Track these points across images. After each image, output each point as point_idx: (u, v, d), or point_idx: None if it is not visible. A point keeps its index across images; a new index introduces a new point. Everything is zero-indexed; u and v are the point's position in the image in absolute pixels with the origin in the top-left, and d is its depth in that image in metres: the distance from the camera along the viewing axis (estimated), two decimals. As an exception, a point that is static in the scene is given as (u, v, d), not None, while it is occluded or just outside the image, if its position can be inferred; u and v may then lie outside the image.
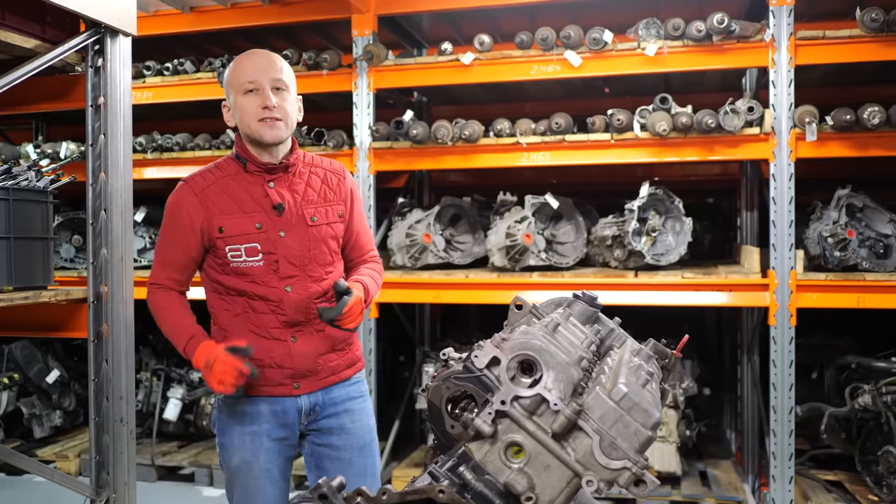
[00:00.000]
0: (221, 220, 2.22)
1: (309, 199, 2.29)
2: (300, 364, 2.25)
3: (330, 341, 2.30)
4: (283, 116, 2.22)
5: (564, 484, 1.23)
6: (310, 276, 2.25)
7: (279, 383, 2.25)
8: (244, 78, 2.21)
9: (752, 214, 4.94)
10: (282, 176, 2.27)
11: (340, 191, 2.36)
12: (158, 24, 4.95)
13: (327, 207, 2.31)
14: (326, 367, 2.30)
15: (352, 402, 2.36)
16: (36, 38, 2.79)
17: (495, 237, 4.53)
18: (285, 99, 2.23)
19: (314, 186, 2.32)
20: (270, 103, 2.18)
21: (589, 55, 4.26)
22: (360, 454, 2.35)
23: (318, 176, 2.34)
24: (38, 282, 2.95)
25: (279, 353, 2.24)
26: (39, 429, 5.34)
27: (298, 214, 2.25)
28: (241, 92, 2.21)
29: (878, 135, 3.96)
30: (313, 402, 2.30)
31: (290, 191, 2.27)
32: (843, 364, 4.70)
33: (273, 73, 2.21)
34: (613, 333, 1.61)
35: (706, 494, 4.40)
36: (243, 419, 2.26)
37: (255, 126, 2.20)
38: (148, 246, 5.35)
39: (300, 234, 2.24)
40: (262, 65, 2.22)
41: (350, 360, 2.38)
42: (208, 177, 2.27)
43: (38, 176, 3.02)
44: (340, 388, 2.34)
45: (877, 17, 3.83)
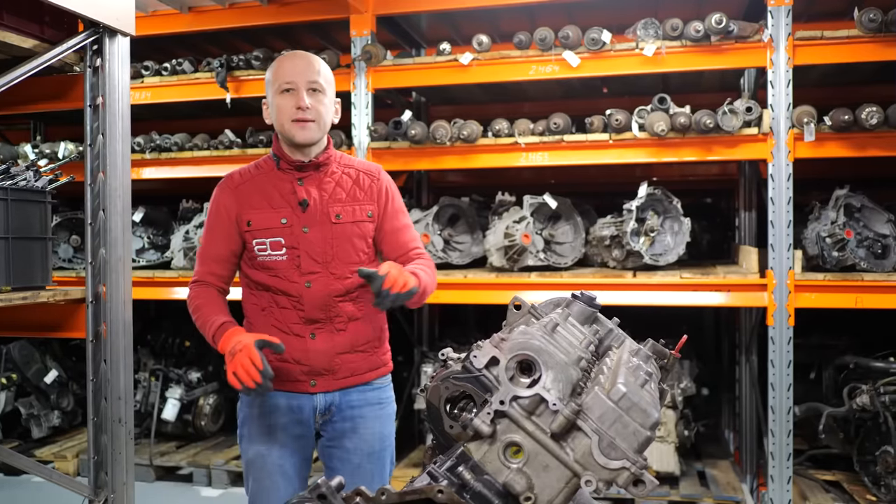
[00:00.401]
0: (251, 214, 2.30)
1: (336, 198, 2.31)
2: (317, 361, 2.27)
3: (351, 341, 2.30)
4: (317, 118, 2.27)
5: (563, 484, 1.23)
6: (332, 274, 2.27)
7: (296, 379, 2.29)
8: (281, 78, 2.27)
9: (751, 214, 4.94)
10: (312, 174, 2.32)
11: (372, 191, 2.36)
12: (157, 24, 4.95)
13: (355, 206, 2.32)
14: (345, 367, 2.30)
15: (369, 408, 2.35)
16: (34, 38, 2.78)
17: (494, 237, 4.53)
18: (320, 101, 2.28)
19: (344, 185, 2.34)
20: (304, 104, 2.24)
21: (587, 55, 4.26)
22: (369, 460, 2.34)
23: (349, 176, 2.36)
24: (37, 282, 2.95)
25: (298, 349, 2.27)
26: (37, 429, 5.34)
27: (323, 212, 2.28)
28: (277, 92, 2.27)
29: (877, 135, 3.97)
30: (329, 401, 2.31)
31: (319, 189, 2.30)
32: (842, 364, 4.71)
33: (309, 76, 2.26)
34: (612, 333, 1.61)
35: (704, 494, 4.40)
36: (262, 410, 2.33)
37: (289, 126, 2.26)
38: (146, 246, 5.34)
39: (323, 231, 2.27)
40: (299, 66, 2.27)
41: (373, 363, 2.37)
42: (245, 174, 2.37)
43: (36, 176, 3.02)
44: (359, 392, 2.34)
45: (875, 17, 3.83)
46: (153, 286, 4.92)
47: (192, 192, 5.53)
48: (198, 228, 4.96)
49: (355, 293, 2.30)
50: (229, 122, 5.49)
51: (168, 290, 4.93)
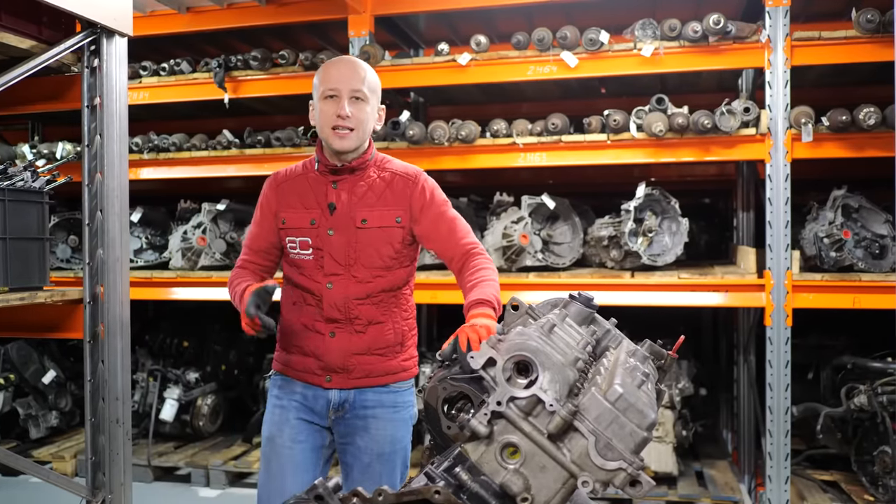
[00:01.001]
0: (286, 212, 2.37)
1: (365, 202, 2.32)
2: (332, 359, 2.31)
3: (368, 343, 2.32)
4: (356, 126, 2.29)
5: (560, 485, 1.23)
6: (353, 277, 2.29)
7: (313, 373, 2.34)
8: (326, 84, 2.29)
9: (749, 215, 4.94)
10: (347, 177, 2.34)
11: (405, 195, 2.35)
12: (155, 24, 4.94)
13: (383, 211, 2.32)
14: (360, 368, 2.33)
15: (383, 409, 2.36)
16: (32, 39, 2.78)
17: (492, 238, 4.53)
18: (362, 109, 2.30)
19: (376, 190, 2.34)
20: (344, 113, 2.26)
21: (585, 56, 4.27)
22: (379, 461, 2.35)
23: (384, 180, 2.36)
24: (34, 282, 2.95)
25: (316, 345, 2.33)
26: (35, 429, 5.33)
27: (349, 216, 2.30)
28: (321, 97, 2.30)
29: (874, 135, 3.97)
30: (343, 398, 2.34)
31: (350, 192, 2.32)
32: (839, 364, 4.71)
33: (353, 84, 2.28)
34: (609, 334, 1.61)
35: (702, 495, 4.40)
36: (279, 393, 2.40)
37: (328, 132, 2.29)
38: (144, 246, 5.34)
39: (347, 235, 2.30)
40: (345, 73, 2.29)
41: (392, 367, 2.37)
42: (290, 172, 2.44)
43: (34, 176, 3.01)
44: (375, 393, 2.35)
45: (872, 17, 3.84)
46: (151, 286, 4.92)
47: (191, 193, 5.52)
48: (196, 229, 4.96)
49: (378, 297, 2.31)
50: (227, 122, 5.48)
51: (166, 290, 4.92)
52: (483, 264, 2.30)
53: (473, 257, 2.33)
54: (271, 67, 4.80)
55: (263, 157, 4.84)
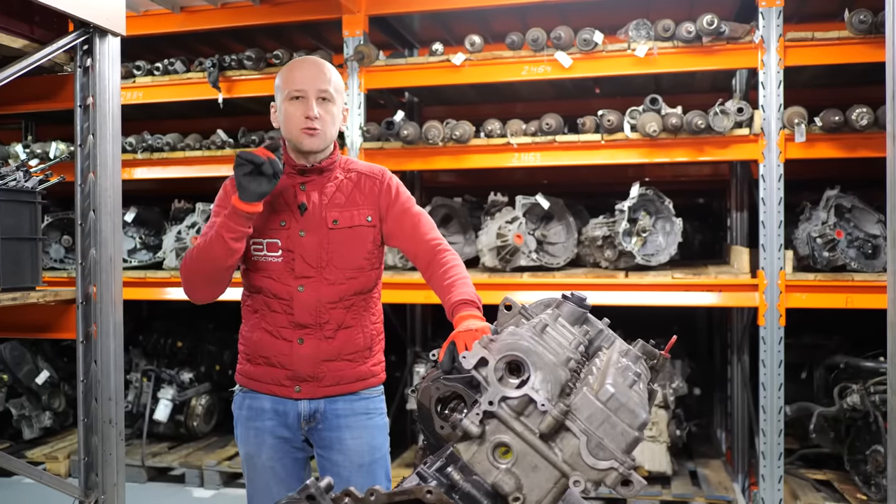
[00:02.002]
0: None
1: (335, 202, 2.29)
2: (301, 367, 2.25)
3: (338, 349, 2.27)
4: (324, 127, 2.25)
5: (552, 484, 1.23)
6: (325, 279, 2.24)
7: (280, 383, 2.27)
8: (291, 85, 2.25)
9: (742, 215, 4.96)
10: (315, 178, 2.30)
11: (373, 194, 2.32)
12: (148, 23, 4.93)
13: (353, 211, 2.29)
14: (331, 376, 2.27)
15: (355, 418, 2.31)
16: (24, 38, 2.77)
17: (486, 237, 4.54)
18: (328, 110, 2.26)
19: (344, 190, 2.31)
20: (312, 114, 2.22)
21: (579, 56, 4.27)
22: (359, 473, 2.30)
23: (351, 180, 2.33)
24: (27, 283, 2.94)
25: (283, 354, 2.25)
26: (29, 430, 5.32)
27: (320, 216, 2.26)
28: (286, 98, 2.25)
29: (866, 136, 3.98)
30: (314, 408, 2.28)
31: (320, 193, 2.29)
32: (832, 364, 4.73)
33: (320, 84, 2.24)
34: (602, 334, 1.61)
35: (696, 494, 4.41)
36: (249, 413, 2.31)
37: (296, 134, 2.24)
38: (138, 246, 5.33)
39: (319, 236, 2.25)
40: (310, 74, 2.25)
41: (362, 373, 2.33)
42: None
43: (26, 176, 3.00)
44: (346, 402, 2.30)
45: (865, 18, 3.85)
46: (145, 286, 4.91)
47: (185, 193, 5.51)
48: (189, 229, 4.95)
49: (349, 300, 2.27)
50: (221, 122, 5.48)
51: (160, 290, 4.92)
52: (453, 261, 2.28)
53: (441, 253, 2.30)
54: (265, 67, 4.80)
55: (257, 157, 4.82)
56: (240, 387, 2.36)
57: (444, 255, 2.29)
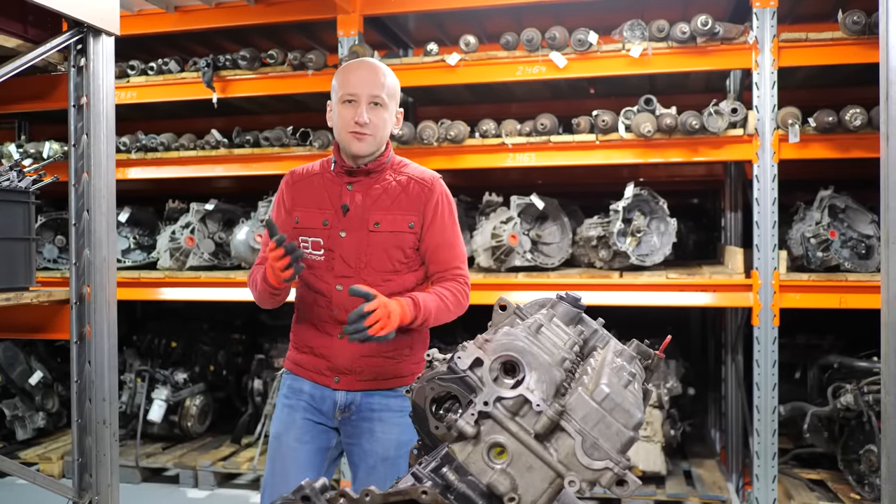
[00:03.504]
0: (300, 211, 2.37)
1: (380, 205, 2.31)
2: (340, 360, 2.31)
3: (378, 346, 2.29)
4: (374, 132, 2.27)
5: (547, 484, 1.23)
6: (363, 280, 2.27)
7: (322, 373, 2.35)
8: (345, 88, 2.27)
9: (736, 215, 4.97)
10: (362, 179, 2.33)
11: (420, 200, 2.33)
12: (143, 23, 4.92)
13: (397, 215, 2.31)
14: (368, 370, 2.32)
15: (389, 413, 2.34)
16: (18, 38, 2.76)
17: (481, 238, 4.54)
18: (380, 115, 2.28)
19: (391, 193, 2.32)
20: (362, 119, 2.24)
21: (574, 56, 4.28)
22: (384, 464, 2.33)
23: (399, 183, 2.34)
24: (20, 283, 2.93)
25: (325, 346, 2.33)
26: (22, 431, 5.29)
27: (362, 218, 2.29)
28: (340, 101, 2.28)
29: (860, 136, 4.00)
30: (350, 399, 2.34)
31: (365, 195, 2.31)
32: (826, 364, 4.74)
33: (373, 89, 2.26)
34: (597, 334, 1.61)
35: (690, 494, 4.42)
36: (288, 392, 2.41)
37: (346, 136, 2.28)
38: (132, 246, 5.31)
39: (359, 237, 2.29)
40: (364, 79, 2.27)
41: (401, 371, 2.35)
42: (307, 171, 2.44)
43: (20, 176, 2.99)
44: (381, 397, 2.34)
45: (858, 19, 3.86)
46: (139, 287, 4.90)
47: (179, 193, 5.50)
48: (184, 229, 4.94)
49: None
50: (216, 122, 5.46)
51: (154, 290, 4.90)
52: (457, 290, 2.33)
53: (456, 280, 2.36)
54: (260, 67, 4.79)
55: (252, 157, 4.82)
56: (286, 370, 2.45)
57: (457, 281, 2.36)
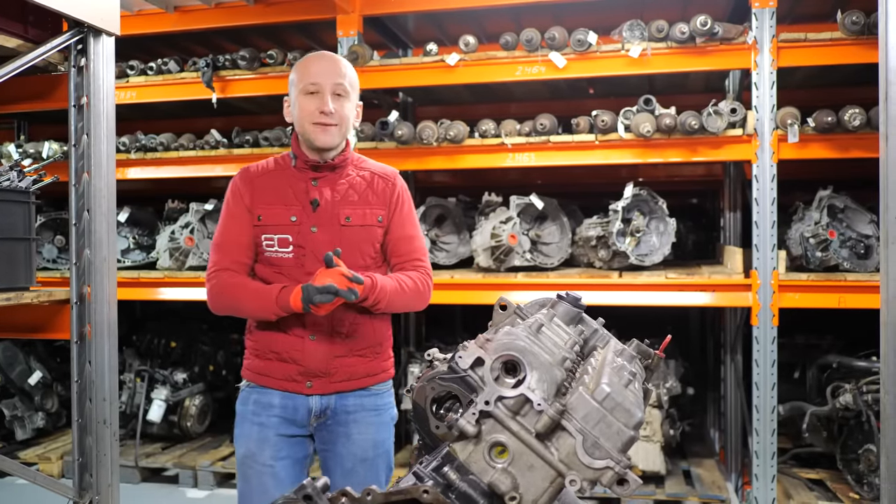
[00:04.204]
0: (262, 209, 2.29)
1: (348, 200, 2.30)
2: (313, 363, 2.26)
3: (350, 345, 2.28)
4: (339, 122, 2.26)
5: (548, 483, 1.23)
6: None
7: (293, 379, 2.27)
8: (307, 79, 2.25)
9: (736, 215, 4.97)
10: (327, 175, 2.31)
11: (385, 195, 2.34)
12: (142, 23, 4.92)
13: (366, 210, 2.30)
14: (342, 371, 2.28)
15: (365, 413, 2.32)
16: (18, 38, 2.76)
17: (480, 238, 4.54)
18: (343, 105, 2.27)
19: (357, 188, 2.32)
20: (327, 109, 2.23)
21: (573, 56, 4.28)
22: (362, 466, 2.31)
23: (364, 178, 2.34)
24: (20, 283, 2.93)
25: (295, 349, 2.26)
26: (21, 431, 5.30)
27: (333, 213, 2.27)
28: (301, 92, 2.26)
29: (859, 136, 4.00)
30: (325, 404, 2.29)
31: (332, 190, 2.29)
32: (825, 363, 4.75)
33: (335, 79, 2.25)
34: (597, 334, 1.62)
35: (690, 493, 4.43)
36: (255, 409, 2.31)
37: (310, 128, 2.25)
38: (132, 246, 5.32)
39: (332, 233, 2.26)
40: (326, 68, 2.26)
41: (373, 369, 2.34)
42: (262, 168, 2.38)
43: (20, 176, 2.99)
44: (356, 397, 2.31)
45: (857, 20, 3.87)
46: (139, 287, 4.90)
47: (178, 193, 5.50)
48: (183, 229, 4.94)
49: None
50: (215, 122, 5.47)
51: (154, 290, 4.90)
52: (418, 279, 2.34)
53: (416, 269, 2.37)
54: (259, 67, 4.79)
55: (251, 157, 4.82)
56: (247, 382, 2.35)
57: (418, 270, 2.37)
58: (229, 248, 2.30)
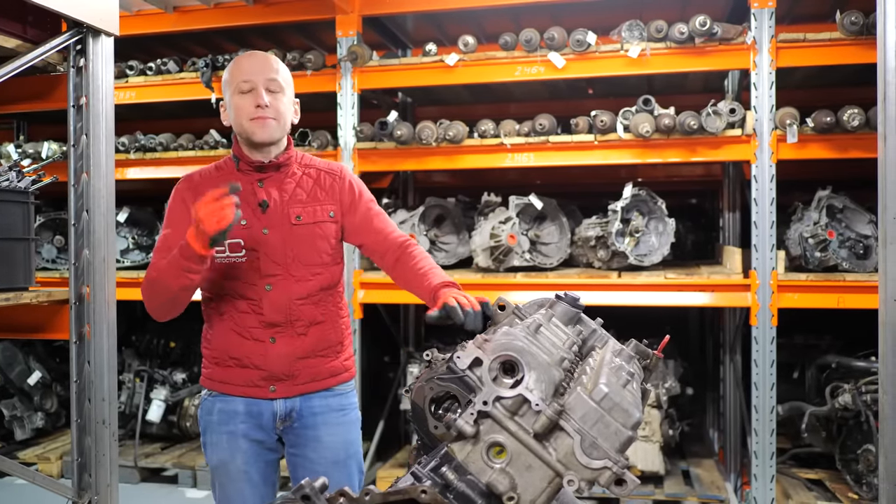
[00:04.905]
0: None
1: (297, 199, 2.27)
2: (275, 366, 2.22)
3: (312, 346, 2.26)
4: (276, 116, 2.23)
5: (546, 484, 1.24)
6: (292, 276, 2.22)
7: (255, 384, 2.24)
8: (239, 77, 2.23)
9: (735, 215, 4.98)
10: (272, 175, 2.27)
11: (334, 190, 2.32)
12: (141, 23, 4.92)
13: (316, 207, 2.28)
14: (305, 373, 2.25)
15: (331, 414, 2.30)
16: (17, 38, 2.76)
17: (480, 238, 4.54)
18: (279, 100, 2.24)
19: (304, 186, 2.30)
20: (263, 102, 2.20)
21: (573, 57, 4.28)
22: (335, 469, 2.29)
23: (310, 176, 2.32)
24: (20, 283, 2.93)
25: (257, 354, 2.22)
26: (21, 431, 5.29)
27: (283, 213, 2.24)
28: (236, 91, 2.23)
29: (858, 136, 4.01)
30: (289, 407, 2.26)
31: (279, 190, 2.26)
32: (824, 363, 4.75)
33: (267, 74, 2.23)
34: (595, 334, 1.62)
35: (689, 493, 4.43)
36: (221, 418, 2.27)
37: (248, 125, 2.22)
38: (131, 246, 5.31)
39: (283, 233, 2.23)
40: (257, 65, 2.24)
41: (335, 368, 2.32)
42: (204, 174, 2.33)
43: (19, 176, 3.00)
44: (321, 398, 2.29)
45: (856, 20, 3.87)
46: (138, 287, 4.83)
47: (177, 193, 5.49)
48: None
49: (317, 296, 2.26)
50: (214, 122, 5.43)
51: (153, 290, 4.89)
52: (423, 253, 2.30)
53: (410, 247, 2.32)
54: (259, 67, 4.79)
55: (251, 157, 4.82)
56: (208, 391, 2.31)
57: (413, 248, 2.32)
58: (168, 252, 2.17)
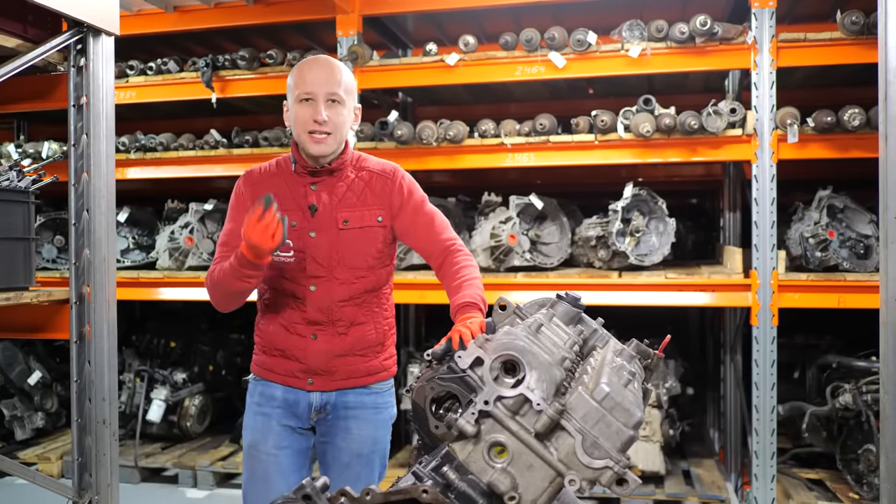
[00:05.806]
0: None
1: (346, 203, 2.30)
2: (314, 362, 2.29)
3: (351, 345, 2.30)
4: (333, 130, 2.24)
5: (547, 483, 1.24)
6: (336, 278, 2.27)
7: (294, 375, 2.32)
8: (301, 87, 2.24)
9: (735, 215, 4.97)
10: (325, 178, 2.31)
11: (384, 194, 2.33)
12: (142, 23, 4.92)
13: (364, 211, 2.30)
14: (343, 370, 2.31)
15: (364, 410, 2.35)
16: (17, 38, 2.76)
17: (480, 238, 4.54)
18: (339, 113, 2.25)
19: (355, 190, 2.32)
20: (321, 118, 2.21)
21: (573, 56, 4.28)
22: (358, 462, 2.34)
23: (363, 179, 2.34)
24: (20, 283, 2.93)
25: (298, 348, 2.30)
26: (21, 431, 5.29)
27: (331, 217, 2.28)
28: (297, 100, 2.25)
29: (858, 136, 4.00)
30: (325, 400, 2.33)
31: (330, 194, 2.30)
32: (824, 363, 4.75)
33: (330, 87, 2.23)
34: (596, 334, 1.62)
35: (689, 493, 4.43)
36: (260, 400, 2.36)
37: (304, 137, 2.25)
38: (131, 246, 5.31)
39: (330, 236, 2.27)
40: (320, 77, 2.24)
41: (374, 367, 2.36)
42: (265, 171, 2.39)
43: (19, 176, 2.99)
44: (356, 395, 2.35)
45: (857, 20, 3.87)
46: (138, 287, 4.90)
47: (178, 193, 5.50)
48: (183, 229, 4.94)
49: (360, 298, 2.30)
50: (215, 121, 5.47)
51: (153, 290, 4.90)
52: (465, 262, 2.31)
53: (454, 254, 2.33)
54: (259, 67, 4.79)
55: (251, 157, 4.82)
56: (254, 375, 2.41)
57: (457, 255, 2.33)
58: (230, 248, 2.29)
